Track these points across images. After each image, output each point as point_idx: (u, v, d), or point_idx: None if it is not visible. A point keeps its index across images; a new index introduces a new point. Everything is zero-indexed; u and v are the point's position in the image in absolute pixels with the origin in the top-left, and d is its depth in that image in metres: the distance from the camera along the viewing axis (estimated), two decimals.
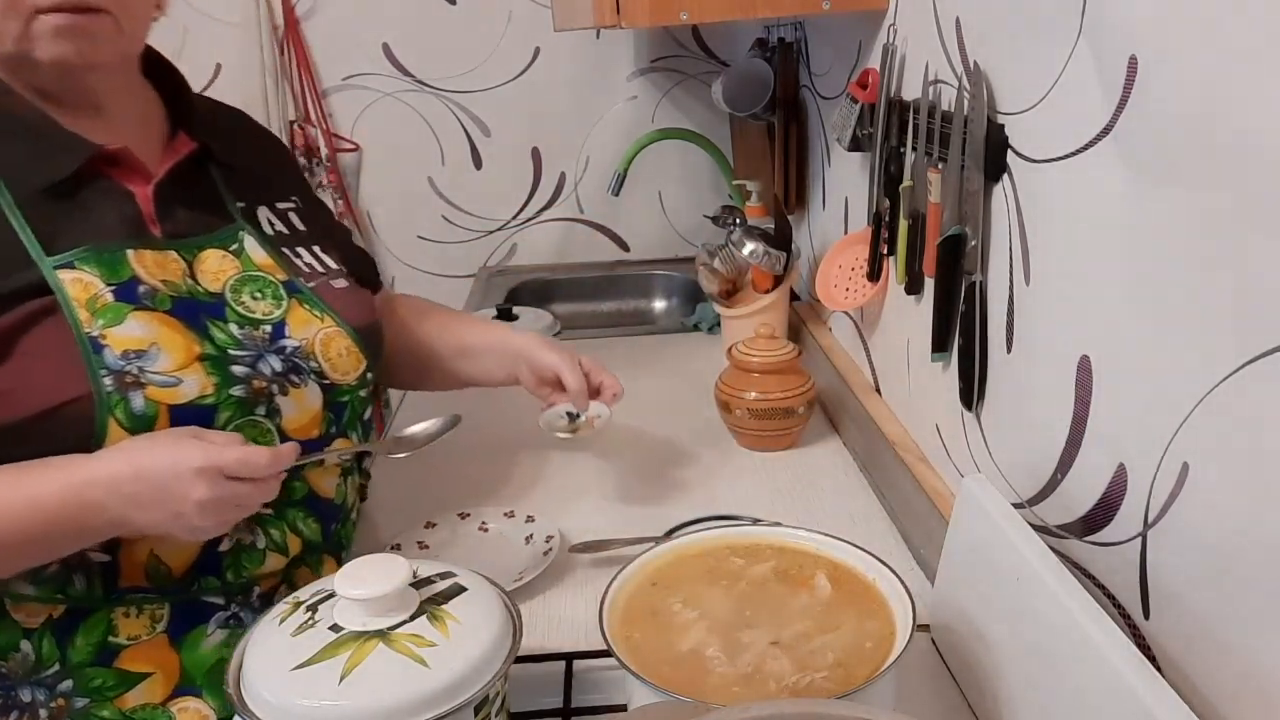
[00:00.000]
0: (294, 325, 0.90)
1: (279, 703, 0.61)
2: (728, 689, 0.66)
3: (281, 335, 0.88)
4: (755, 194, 1.81)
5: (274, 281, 0.91)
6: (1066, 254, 0.73)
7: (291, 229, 0.98)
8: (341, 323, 0.93)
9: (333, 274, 0.98)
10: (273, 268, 0.92)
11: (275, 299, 0.90)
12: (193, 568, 0.85)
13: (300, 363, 0.89)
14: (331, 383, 0.91)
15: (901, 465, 1.09)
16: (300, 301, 0.92)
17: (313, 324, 0.91)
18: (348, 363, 0.93)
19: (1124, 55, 0.61)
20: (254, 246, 0.92)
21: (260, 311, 0.88)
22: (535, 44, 2.13)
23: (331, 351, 0.91)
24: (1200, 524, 0.59)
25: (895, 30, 1.09)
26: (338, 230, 1.14)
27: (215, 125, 0.97)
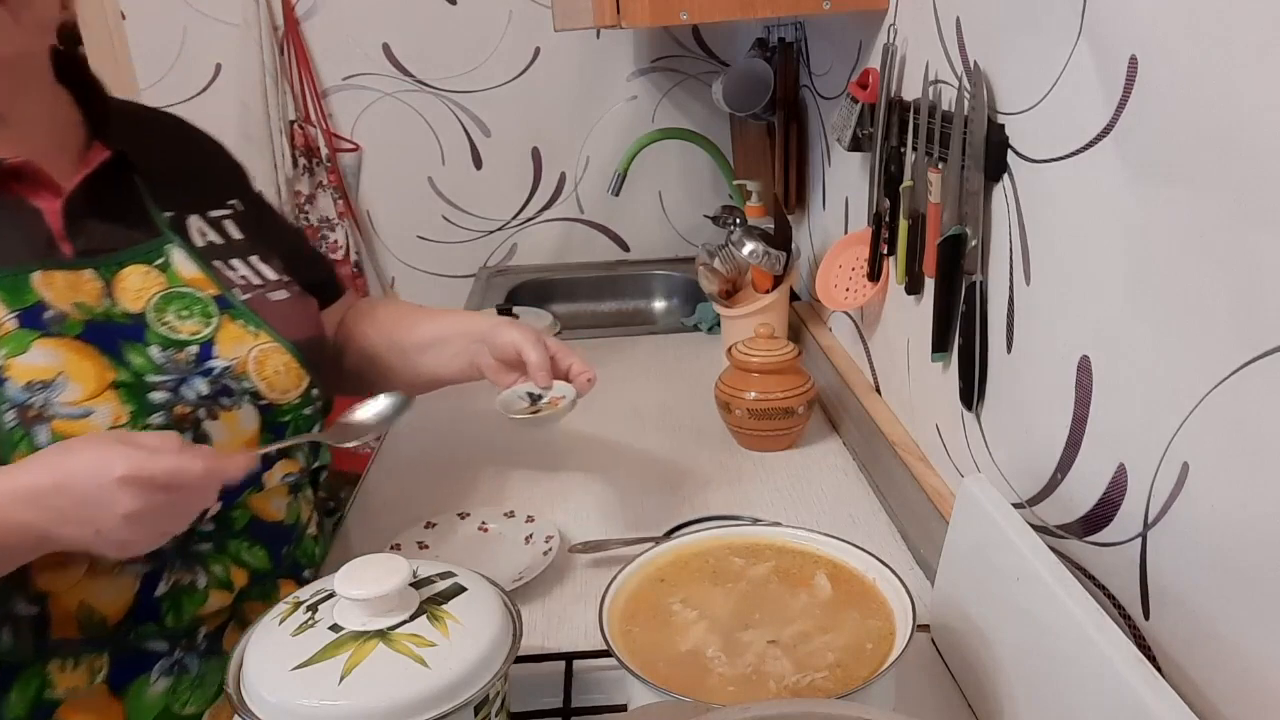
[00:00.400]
0: (224, 344, 0.84)
1: (279, 703, 0.61)
2: (728, 689, 0.66)
3: (209, 355, 0.83)
4: (755, 194, 1.81)
5: (203, 298, 0.85)
6: (1066, 254, 0.73)
7: (226, 238, 0.92)
8: (278, 338, 0.87)
9: (271, 286, 0.92)
10: (203, 282, 0.86)
11: (204, 316, 0.84)
12: (129, 615, 0.79)
13: (231, 384, 0.83)
14: (270, 402, 0.86)
15: (901, 465, 1.09)
16: (232, 318, 0.86)
17: (245, 341, 0.85)
18: (287, 380, 0.87)
19: (1124, 55, 0.61)
20: (182, 260, 0.86)
21: (186, 331, 0.83)
22: (535, 44, 2.13)
23: (268, 369, 0.86)
24: (1200, 524, 0.59)
25: (895, 30, 1.09)
26: (287, 235, 1.07)
27: (139, 130, 0.90)
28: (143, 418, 0.76)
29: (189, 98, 2.15)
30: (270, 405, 0.86)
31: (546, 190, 2.25)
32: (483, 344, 1.01)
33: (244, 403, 0.84)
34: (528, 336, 0.98)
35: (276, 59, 2.09)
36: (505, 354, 0.99)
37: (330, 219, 2.18)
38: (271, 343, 0.87)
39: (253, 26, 2.05)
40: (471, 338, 1.03)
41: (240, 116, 2.14)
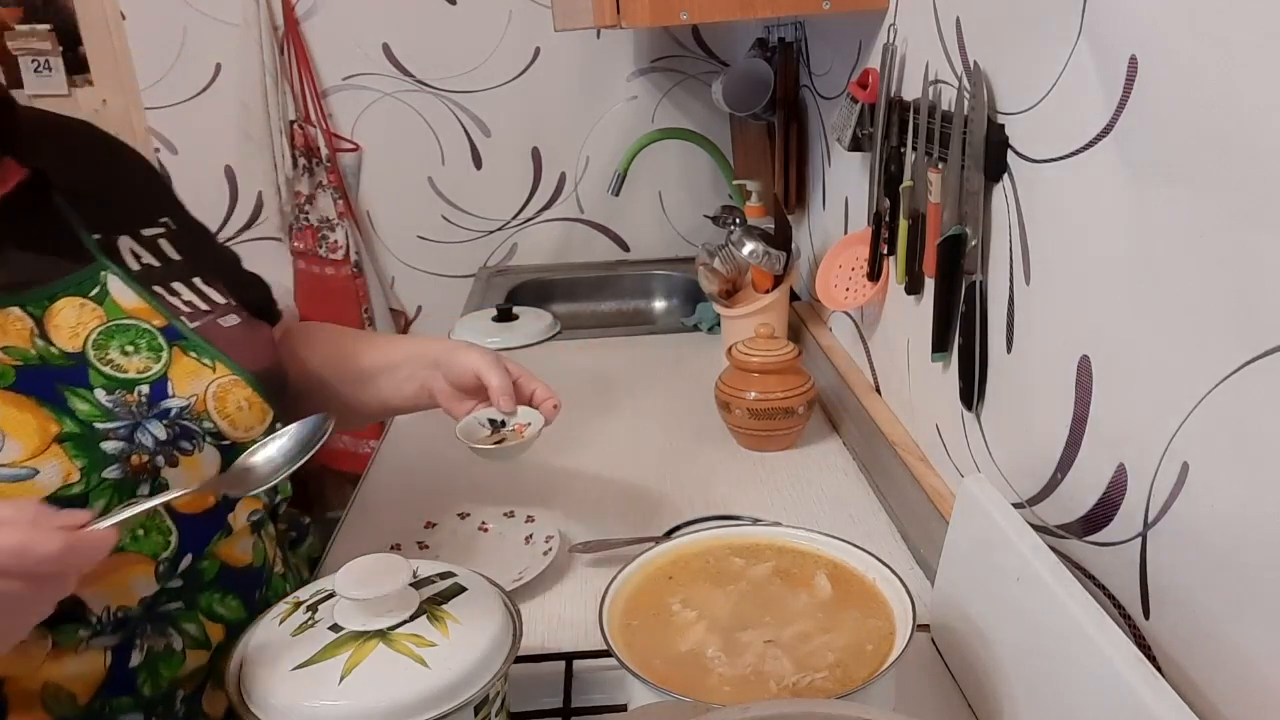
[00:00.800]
0: (178, 380, 0.75)
1: (279, 703, 0.61)
2: (728, 689, 0.66)
3: (164, 395, 0.74)
4: (755, 194, 1.81)
5: (149, 329, 0.76)
6: (1066, 254, 0.73)
7: (164, 259, 0.83)
8: (238, 369, 0.79)
9: (220, 310, 0.83)
10: (146, 312, 0.77)
11: (152, 350, 0.75)
12: (101, 689, 0.70)
13: (191, 425, 0.74)
14: (232, 442, 0.77)
15: (901, 465, 1.09)
16: (184, 349, 0.77)
17: (202, 375, 0.77)
18: (250, 416, 0.78)
19: (1124, 55, 0.61)
20: (120, 289, 0.76)
21: (134, 369, 0.74)
22: (535, 44, 2.13)
23: (229, 405, 0.77)
24: (1200, 524, 0.59)
25: (895, 30, 1.09)
26: (223, 255, 0.97)
27: (54, 143, 0.81)
28: (96, 472, 0.68)
29: (189, 98, 2.15)
30: (232, 445, 0.77)
31: (546, 190, 2.25)
32: (436, 369, 0.95)
33: (205, 445, 0.75)
34: (487, 359, 0.92)
35: (276, 59, 2.09)
36: (462, 379, 0.93)
37: (330, 219, 2.18)
38: (230, 375, 0.79)
39: (253, 26, 2.05)
40: (423, 362, 0.96)
41: (240, 116, 2.14)
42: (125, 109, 2.18)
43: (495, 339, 1.73)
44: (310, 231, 2.22)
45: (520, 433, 0.90)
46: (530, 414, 0.91)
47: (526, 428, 0.90)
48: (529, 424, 0.90)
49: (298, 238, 2.25)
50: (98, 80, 2.17)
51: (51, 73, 2.16)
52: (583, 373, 1.60)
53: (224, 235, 2.27)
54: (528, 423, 0.91)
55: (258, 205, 2.25)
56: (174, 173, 2.21)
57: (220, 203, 2.24)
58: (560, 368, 1.63)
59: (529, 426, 0.90)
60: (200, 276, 0.84)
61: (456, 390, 0.94)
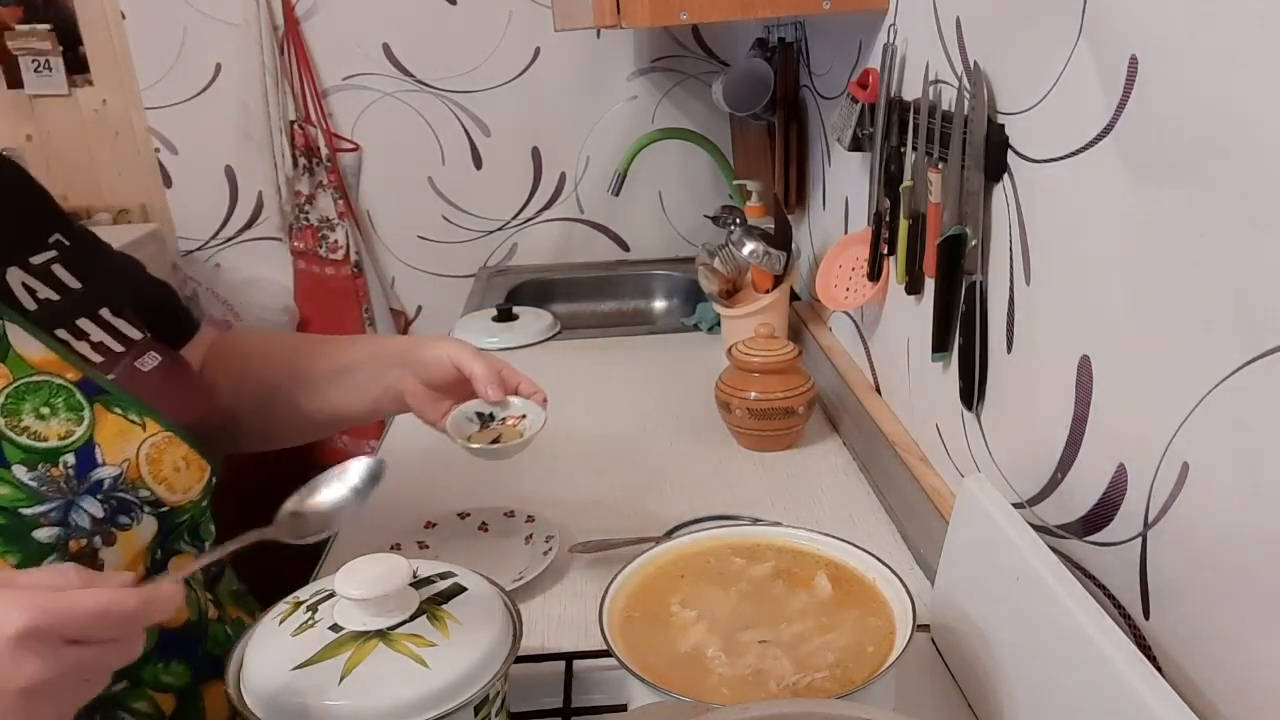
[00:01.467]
0: (107, 444, 0.66)
1: (279, 703, 0.61)
2: (727, 689, 0.66)
3: (92, 463, 0.64)
4: (755, 194, 1.81)
5: (64, 384, 0.65)
6: (1066, 254, 0.73)
7: (62, 290, 0.71)
8: (169, 425, 0.70)
9: (135, 349, 0.73)
10: (56, 364, 0.66)
11: (71, 411, 0.65)
12: None
13: (127, 496, 0.66)
14: (170, 508, 0.69)
15: (901, 465, 1.09)
16: (107, 406, 0.67)
17: (131, 435, 0.67)
18: (188, 477, 0.70)
19: (1124, 55, 0.61)
20: (24, 338, 0.65)
21: (54, 435, 0.63)
22: (535, 44, 2.13)
23: (165, 468, 0.69)
24: (1200, 524, 0.59)
25: (895, 30, 1.09)
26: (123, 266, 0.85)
27: None
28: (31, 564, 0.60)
29: (189, 98, 2.15)
30: (170, 510, 0.69)
31: (546, 190, 2.25)
32: (402, 367, 0.86)
33: (143, 515, 0.67)
34: (464, 348, 0.83)
35: (276, 59, 2.09)
36: (437, 374, 0.84)
37: (330, 219, 2.18)
38: (162, 433, 0.69)
39: (253, 26, 2.05)
40: (385, 361, 0.87)
41: (240, 116, 2.14)
42: (125, 109, 2.18)
43: (495, 339, 1.73)
44: (310, 231, 2.22)
45: (513, 426, 0.82)
46: (525, 405, 0.83)
47: (521, 420, 0.82)
48: (524, 416, 0.82)
49: (298, 238, 2.25)
50: (98, 80, 2.17)
51: (51, 73, 2.16)
52: (583, 373, 1.60)
53: (224, 235, 2.27)
54: (522, 415, 0.82)
55: (258, 205, 2.25)
56: (174, 173, 2.22)
57: (220, 203, 2.24)
58: (560, 368, 1.63)
59: (524, 419, 0.82)
60: (107, 306, 0.74)
61: (430, 389, 0.85)
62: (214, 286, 2.28)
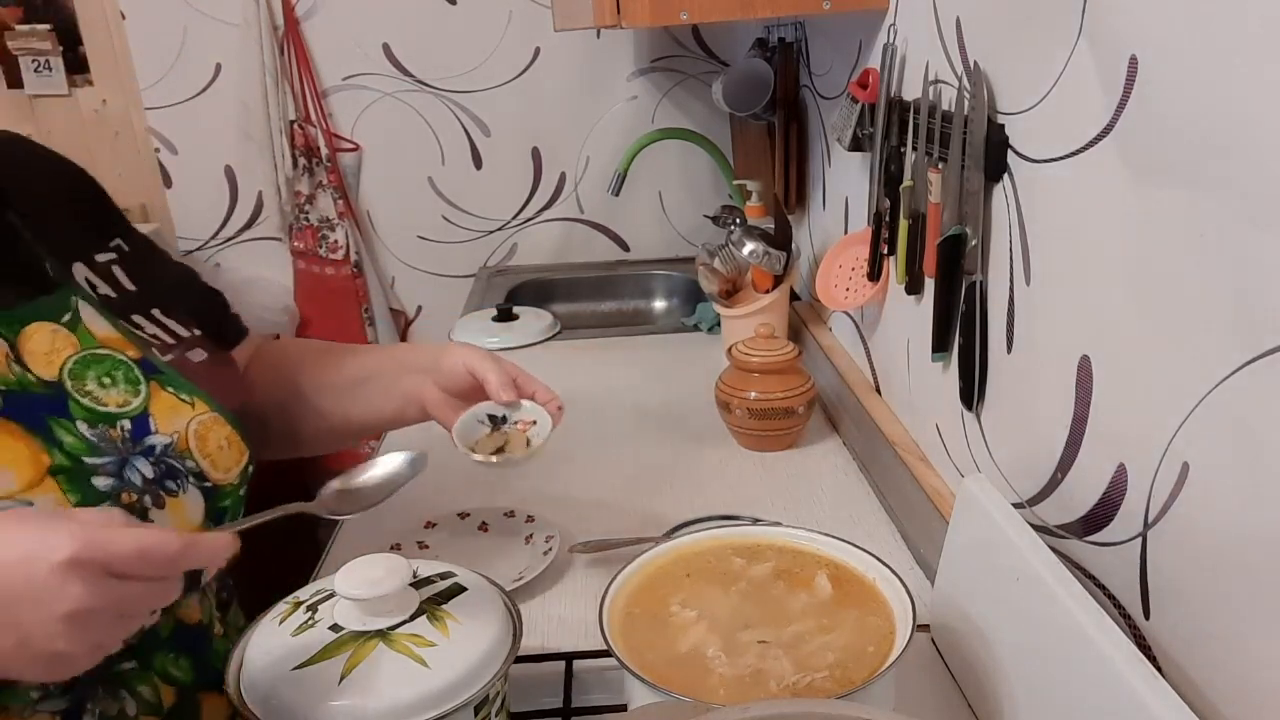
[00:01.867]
0: (160, 416, 0.71)
1: (279, 703, 0.61)
2: (727, 689, 0.66)
3: (146, 430, 0.69)
4: (755, 194, 1.81)
5: (125, 360, 0.71)
6: (1066, 254, 0.73)
7: (119, 289, 0.77)
8: (216, 406, 0.74)
9: (185, 345, 0.78)
10: (120, 342, 0.72)
11: (130, 384, 0.70)
12: None
13: (175, 464, 0.70)
14: (213, 484, 0.72)
15: (901, 465, 1.09)
16: (162, 384, 0.72)
17: (182, 412, 0.72)
18: (229, 457, 0.74)
19: (1124, 55, 0.61)
20: (93, 316, 0.71)
21: (113, 403, 0.69)
22: (535, 44, 2.13)
23: (210, 445, 0.73)
24: (1200, 524, 0.59)
25: (895, 30, 1.09)
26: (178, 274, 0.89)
27: None
28: None
29: (189, 98, 2.15)
30: (214, 488, 0.73)
31: (546, 190, 2.25)
32: (423, 375, 0.88)
33: (189, 486, 0.71)
34: (480, 354, 0.85)
35: (276, 59, 2.09)
36: (455, 380, 0.86)
37: (330, 219, 2.18)
38: (209, 413, 0.74)
39: (253, 26, 2.05)
40: (408, 368, 0.89)
41: (240, 116, 2.14)
42: (125, 109, 2.18)
43: (495, 339, 1.73)
44: (310, 231, 2.22)
45: (523, 430, 0.83)
46: (535, 410, 0.84)
47: (531, 426, 0.83)
48: (534, 422, 0.83)
49: (298, 238, 2.25)
50: (98, 80, 2.17)
51: (51, 73, 2.16)
52: (583, 373, 1.60)
53: (224, 235, 2.27)
54: (532, 420, 0.83)
55: (258, 205, 2.25)
56: (174, 173, 2.21)
57: (220, 203, 2.24)
58: (560, 368, 1.63)
59: (534, 426, 0.83)
60: (159, 307, 0.79)
61: (450, 396, 0.87)
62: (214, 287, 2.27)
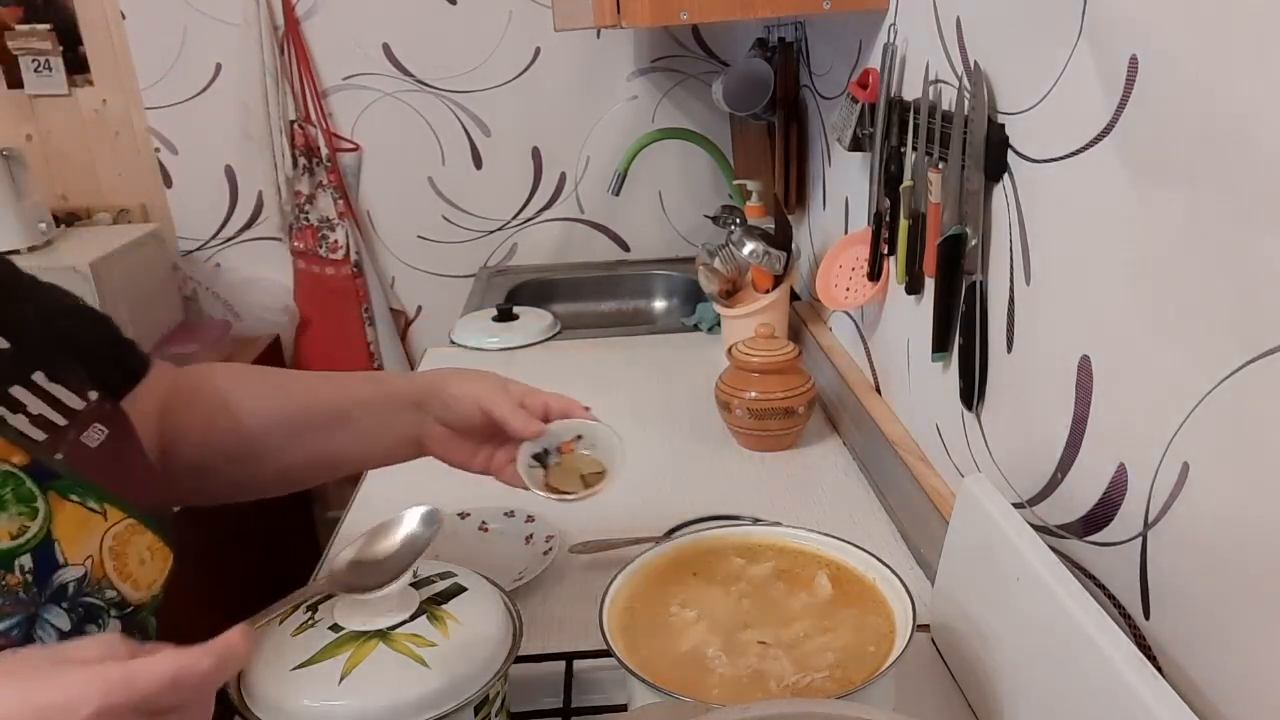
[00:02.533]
0: (66, 540, 0.56)
1: (279, 703, 0.61)
2: (727, 689, 0.66)
3: (53, 564, 0.55)
4: (755, 194, 1.81)
5: (11, 471, 0.55)
6: (1067, 254, 0.73)
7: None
8: (130, 509, 0.60)
9: (80, 421, 0.62)
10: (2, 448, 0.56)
11: (23, 503, 0.55)
12: None
13: (94, 600, 0.57)
14: (134, 607, 0.60)
15: (901, 465, 1.09)
16: (62, 494, 0.57)
17: (93, 526, 0.58)
18: (152, 569, 0.61)
19: (1124, 55, 0.61)
20: None
21: (6, 535, 0.54)
22: (535, 44, 2.13)
23: (130, 562, 0.60)
24: (1200, 524, 0.59)
25: (895, 30, 1.09)
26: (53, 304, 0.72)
27: None
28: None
29: (189, 98, 2.15)
30: (134, 610, 0.61)
31: (546, 190, 2.25)
32: (420, 411, 0.77)
33: (110, 620, 0.59)
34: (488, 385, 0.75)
35: (276, 59, 2.09)
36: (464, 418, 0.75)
37: (330, 219, 2.18)
38: (124, 520, 0.60)
39: (253, 26, 2.05)
40: (397, 404, 0.78)
41: (240, 116, 2.14)
42: (125, 109, 2.18)
43: (495, 339, 1.73)
44: (310, 231, 2.22)
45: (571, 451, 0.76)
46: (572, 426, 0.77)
47: (577, 441, 0.76)
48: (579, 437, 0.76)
49: (298, 238, 2.25)
50: (98, 80, 2.17)
51: (51, 73, 2.16)
52: (583, 373, 1.60)
53: (224, 235, 2.27)
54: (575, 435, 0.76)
55: (258, 205, 2.25)
56: (174, 173, 2.21)
57: (220, 203, 2.24)
58: (560, 368, 1.63)
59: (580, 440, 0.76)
60: (42, 369, 0.62)
61: (454, 433, 0.77)
62: (214, 286, 2.28)
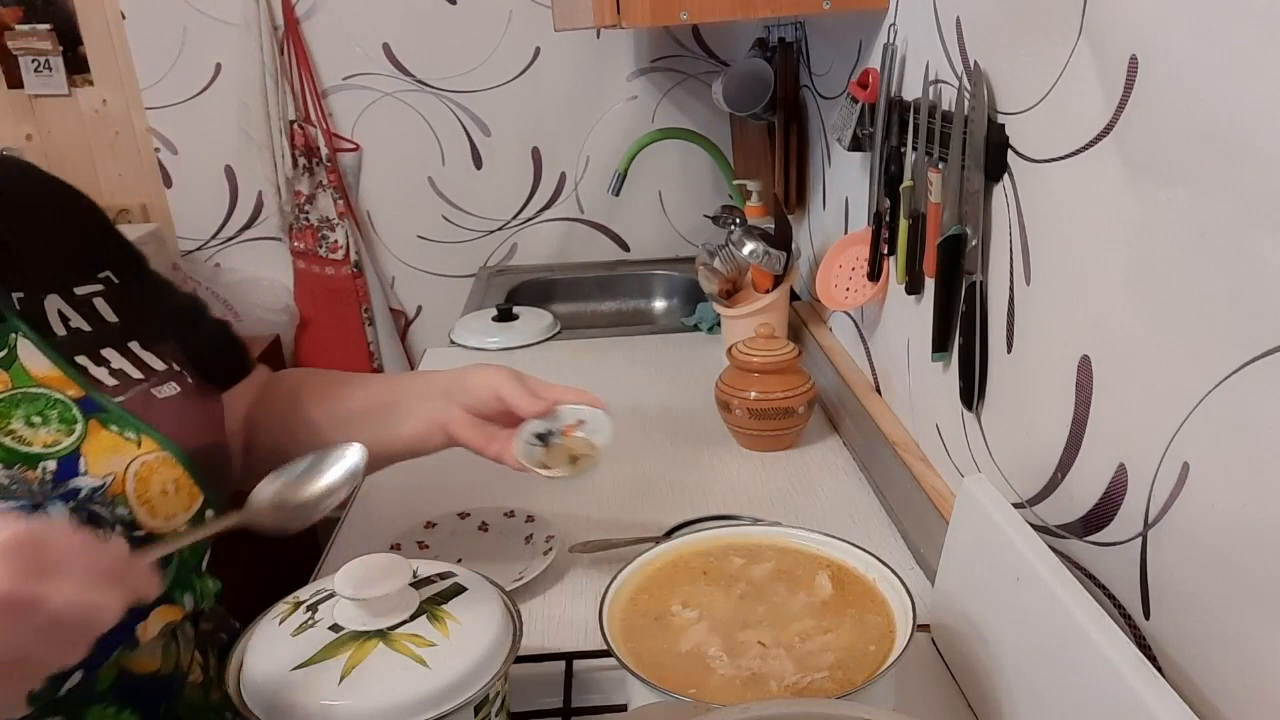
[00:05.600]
0: (93, 456, 0.65)
1: (279, 703, 0.61)
2: (728, 689, 0.66)
3: (73, 472, 0.64)
4: (755, 194, 1.81)
5: (62, 399, 0.66)
6: (1066, 254, 0.73)
7: (96, 323, 0.73)
8: (167, 444, 0.69)
9: (156, 378, 0.73)
10: (59, 381, 0.67)
11: (64, 423, 0.65)
12: None
13: (99, 510, 0.64)
14: (146, 532, 0.66)
15: (901, 465, 1.09)
16: (104, 422, 0.67)
17: (124, 451, 0.66)
18: (175, 502, 0.68)
19: (1124, 55, 0.61)
20: (31, 353, 0.67)
21: (40, 442, 0.63)
22: (535, 44, 2.13)
23: (152, 489, 0.67)
24: (1200, 524, 0.59)
25: (895, 30, 1.09)
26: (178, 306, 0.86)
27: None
28: None
29: (189, 98, 2.15)
30: (145, 535, 0.67)
31: (546, 190, 2.25)
32: (446, 399, 0.86)
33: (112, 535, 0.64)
34: (504, 372, 0.84)
35: (276, 59, 2.09)
36: (482, 403, 0.84)
37: (330, 219, 2.18)
38: (157, 452, 0.68)
39: (253, 26, 2.05)
40: (427, 395, 0.86)
41: (240, 116, 2.14)
42: (125, 109, 2.18)
43: (495, 339, 1.73)
44: (310, 231, 2.22)
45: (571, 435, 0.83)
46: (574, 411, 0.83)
47: (579, 425, 0.83)
48: (581, 421, 0.83)
49: (298, 238, 2.25)
50: (98, 80, 2.17)
51: (51, 73, 2.16)
52: (583, 373, 1.60)
53: (224, 235, 2.27)
54: (578, 420, 0.83)
55: (258, 205, 2.25)
56: (174, 173, 2.22)
57: (220, 203, 2.24)
58: (560, 368, 1.63)
59: (582, 424, 0.82)
60: (139, 339, 0.74)
61: (476, 419, 0.85)
62: (214, 286, 2.28)
